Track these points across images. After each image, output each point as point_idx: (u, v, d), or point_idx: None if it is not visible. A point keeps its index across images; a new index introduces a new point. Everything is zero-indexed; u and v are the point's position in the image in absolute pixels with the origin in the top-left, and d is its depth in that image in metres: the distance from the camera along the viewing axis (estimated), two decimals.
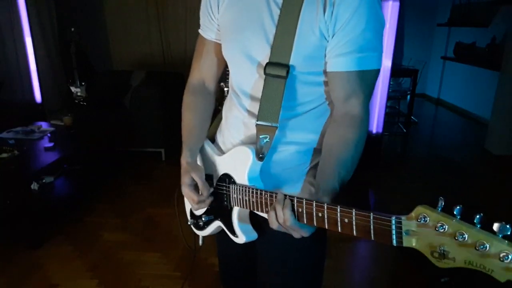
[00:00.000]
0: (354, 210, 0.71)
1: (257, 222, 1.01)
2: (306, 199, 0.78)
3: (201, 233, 1.15)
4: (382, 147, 3.86)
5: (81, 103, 3.75)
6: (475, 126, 5.45)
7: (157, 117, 3.78)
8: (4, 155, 2.58)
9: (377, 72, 0.87)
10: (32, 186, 2.71)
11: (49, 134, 3.07)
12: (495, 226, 0.54)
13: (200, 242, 1.20)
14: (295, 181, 0.97)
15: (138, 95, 3.79)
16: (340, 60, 0.84)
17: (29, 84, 4.27)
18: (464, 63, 5.70)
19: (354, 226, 0.71)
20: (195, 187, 1.00)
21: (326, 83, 0.91)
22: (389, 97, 3.75)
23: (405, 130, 5.02)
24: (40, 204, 2.68)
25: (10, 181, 2.41)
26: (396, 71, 4.65)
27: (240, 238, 0.99)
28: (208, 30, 1.03)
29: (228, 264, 1.26)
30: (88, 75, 3.91)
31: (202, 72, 1.09)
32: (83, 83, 3.70)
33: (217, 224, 1.06)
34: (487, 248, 0.54)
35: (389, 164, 3.92)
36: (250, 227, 1.00)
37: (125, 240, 2.57)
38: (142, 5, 4.91)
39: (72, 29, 3.79)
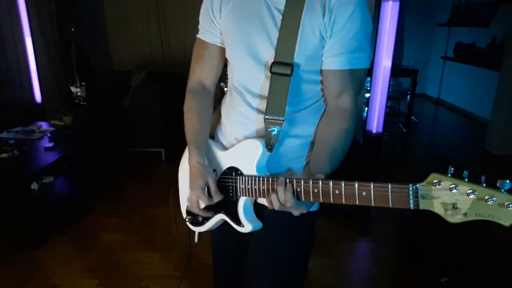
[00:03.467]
0: (372, 183, 0.80)
1: (256, 212, 1.06)
2: (313, 179, 0.86)
3: (199, 229, 1.16)
4: (382, 147, 3.86)
5: (81, 103, 3.75)
6: (475, 126, 5.45)
7: (157, 117, 3.78)
8: (4, 155, 2.57)
9: (366, 70, 0.99)
10: (32, 186, 2.70)
11: (49, 134, 3.07)
12: (498, 183, 0.67)
13: (196, 239, 1.20)
14: (296, 171, 1.03)
15: (138, 95, 3.79)
16: (334, 60, 0.94)
17: (29, 84, 4.27)
18: (464, 63, 5.70)
19: (372, 198, 0.80)
20: (207, 191, 1.02)
21: (322, 82, 1.00)
22: (389, 97, 3.75)
23: (405, 130, 5.02)
24: (40, 204, 2.68)
25: (10, 181, 2.41)
26: (396, 71, 4.65)
27: (247, 227, 1.02)
28: (209, 34, 1.07)
29: (221, 257, 1.28)
30: (88, 75, 3.91)
31: (202, 75, 1.12)
32: (83, 83, 3.70)
33: (219, 218, 1.08)
34: (495, 200, 0.67)
35: (389, 164, 3.93)
36: (254, 216, 1.04)
37: (125, 240, 2.57)
38: (142, 5, 4.90)
39: (72, 29, 3.78)
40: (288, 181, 0.87)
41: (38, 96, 4.35)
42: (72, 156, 3.09)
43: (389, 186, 0.77)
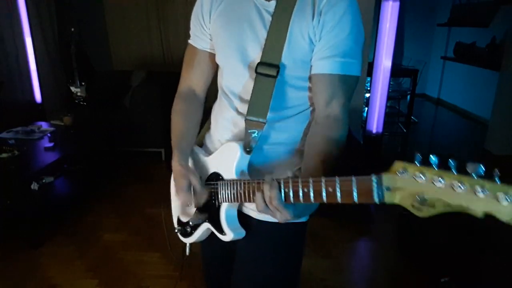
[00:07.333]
0: (337, 177, 0.73)
1: (244, 223, 1.02)
2: (291, 178, 0.79)
3: (188, 240, 1.14)
4: (382, 147, 3.86)
5: (81, 103, 3.74)
6: (475, 126, 5.45)
7: (157, 117, 3.78)
8: (4, 155, 2.58)
9: (357, 79, 0.94)
10: (32, 186, 2.71)
11: (49, 134, 3.07)
12: (469, 167, 0.57)
13: (187, 251, 1.18)
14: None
15: (138, 95, 3.79)
16: (323, 63, 0.91)
17: (29, 84, 4.27)
18: (464, 63, 5.69)
19: (338, 193, 0.72)
20: (192, 191, 0.99)
21: (310, 89, 0.97)
22: (389, 97, 3.75)
23: (405, 130, 5.02)
24: (40, 204, 2.68)
25: (10, 181, 2.41)
26: (396, 71, 4.65)
27: (228, 235, 0.99)
28: (199, 40, 1.07)
29: (210, 264, 1.28)
30: (88, 75, 3.91)
31: (192, 81, 1.11)
32: (83, 83, 3.69)
33: (205, 227, 1.05)
34: (464, 186, 0.57)
35: (389, 164, 3.92)
36: (237, 224, 1.00)
37: (125, 240, 2.57)
38: (142, 5, 4.90)
39: (72, 29, 3.78)
40: (275, 180, 0.81)
41: (38, 96, 4.35)
42: (72, 156, 3.09)
43: (353, 179, 0.70)
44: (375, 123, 3.60)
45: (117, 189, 3.31)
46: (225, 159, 0.97)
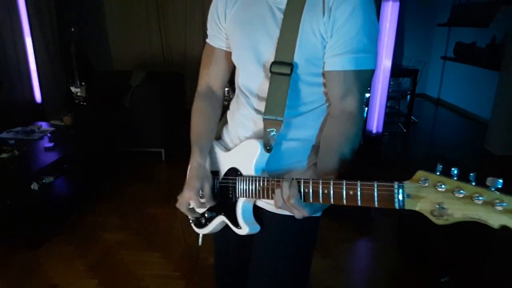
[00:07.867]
0: (359, 182, 0.76)
1: (257, 216, 1.05)
2: (312, 179, 0.83)
3: (202, 231, 1.16)
4: (382, 147, 3.86)
5: (81, 103, 3.75)
6: (475, 126, 5.45)
7: (157, 117, 3.78)
8: (4, 155, 2.58)
9: (371, 72, 0.95)
10: (32, 186, 2.71)
11: (49, 134, 3.07)
12: (488, 181, 0.62)
13: (200, 241, 1.21)
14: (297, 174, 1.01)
15: (138, 95, 3.79)
16: (336, 60, 0.91)
17: (29, 84, 4.27)
18: (464, 63, 5.70)
19: (359, 197, 0.76)
20: (200, 193, 1.02)
21: (325, 84, 0.97)
22: (389, 97, 3.75)
23: (405, 130, 5.02)
24: (40, 204, 2.68)
25: (10, 181, 2.41)
26: (396, 71, 4.65)
27: (243, 229, 1.02)
28: (216, 39, 1.10)
29: (225, 254, 1.28)
30: (88, 75, 3.91)
31: (210, 79, 1.15)
32: (83, 83, 3.70)
33: (220, 219, 1.08)
34: (482, 198, 0.61)
35: (389, 164, 3.92)
36: (253, 219, 1.03)
37: (125, 240, 2.57)
38: (142, 5, 4.91)
39: (72, 29, 3.78)
40: (295, 179, 0.84)
41: (38, 96, 4.35)
42: (72, 156, 3.09)
43: (375, 185, 0.73)
44: (375, 123, 3.60)
45: (117, 189, 3.31)
46: (245, 155, 1.00)
